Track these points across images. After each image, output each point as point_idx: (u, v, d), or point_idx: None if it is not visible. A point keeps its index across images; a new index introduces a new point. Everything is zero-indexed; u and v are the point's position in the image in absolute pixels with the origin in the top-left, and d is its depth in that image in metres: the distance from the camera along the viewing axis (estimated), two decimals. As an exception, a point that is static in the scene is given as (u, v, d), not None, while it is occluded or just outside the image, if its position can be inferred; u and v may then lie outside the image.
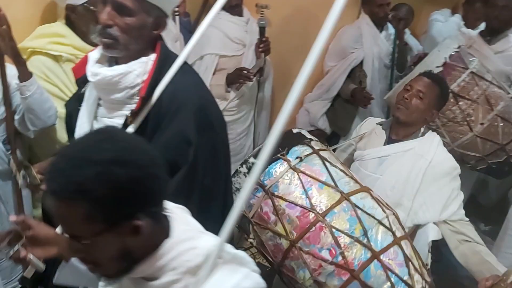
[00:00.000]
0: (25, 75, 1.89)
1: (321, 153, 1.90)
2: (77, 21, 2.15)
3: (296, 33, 3.23)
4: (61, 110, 2.09)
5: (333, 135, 3.51)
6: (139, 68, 1.44)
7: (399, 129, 2.20)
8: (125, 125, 1.43)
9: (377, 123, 2.32)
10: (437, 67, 2.63)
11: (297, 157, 1.85)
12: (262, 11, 2.84)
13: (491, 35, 3.01)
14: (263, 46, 2.74)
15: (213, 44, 2.80)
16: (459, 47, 2.70)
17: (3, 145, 1.97)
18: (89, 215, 0.88)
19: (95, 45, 2.14)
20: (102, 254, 0.94)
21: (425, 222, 2.07)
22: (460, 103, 2.65)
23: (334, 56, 3.41)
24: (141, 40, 1.44)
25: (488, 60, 2.80)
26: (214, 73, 2.87)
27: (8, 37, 1.79)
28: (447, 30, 3.72)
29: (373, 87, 3.34)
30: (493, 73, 2.72)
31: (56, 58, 2.12)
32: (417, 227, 2.11)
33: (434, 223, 2.07)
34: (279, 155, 1.84)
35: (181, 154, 1.41)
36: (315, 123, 3.42)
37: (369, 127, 2.32)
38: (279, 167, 1.82)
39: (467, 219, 2.10)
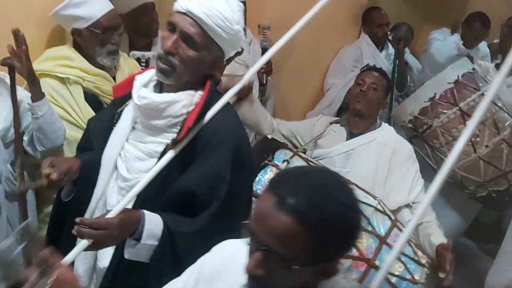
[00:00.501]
0: (38, 95, 1.94)
1: (301, 154, 1.99)
2: (83, 44, 2.19)
3: (298, 53, 3.28)
4: (68, 132, 2.14)
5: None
6: (186, 100, 1.46)
7: (359, 122, 2.38)
8: (163, 152, 1.44)
9: (331, 122, 2.47)
10: (449, 83, 2.68)
11: (284, 161, 1.92)
12: (265, 32, 2.89)
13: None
14: (265, 67, 2.78)
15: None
16: (473, 69, 2.72)
17: (11, 167, 2.00)
18: (313, 247, 0.90)
19: (101, 67, 2.21)
20: (286, 282, 0.95)
21: (396, 206, 2.16)
22: (468, 122, 2.61)
23: (335, 74, 3.47)
24: (196, 74, 1.47)
25: (500, 92, 2.78)
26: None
27: (25, 58, 1.85)
28: (446, 49, 3.78)
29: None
30: (504, 102, 2.72)
31: (64, 81, 2.15)
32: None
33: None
34: (266, 161, 1.89)
35: (214, 190, 1.42)
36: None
37: (323, 125, 2.45)
38: (269, 173, 1.89)
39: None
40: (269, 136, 2.09)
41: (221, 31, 1.40)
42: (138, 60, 2.41)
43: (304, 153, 2.28)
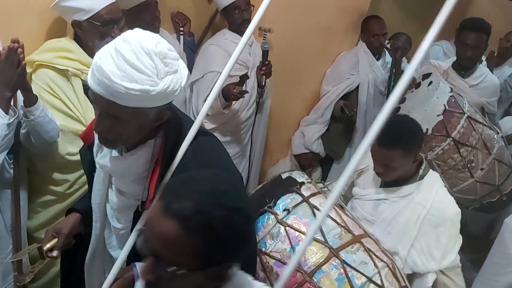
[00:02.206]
0: (30, 100, 1.95)
1: (312, 200, 1.80)
2: (83, 37, 2.19)
3: (297, 57, 3.30)
4: (64, 123, 2.14)
5: (327, 158, 3.57)
6: (146, 155, 1.41)
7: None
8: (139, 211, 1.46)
9: None
10: (438, 115, 2.60)
11: (284, 209, 1.77)
12: (265, 34, 2.91)
13: (464, 70, 3.16)
14: (265, 69, 2.79)
15: (217, 62, 2.84)
16: (451, 90, 2.71)
17: (7, 155, 2.00)
18: (198, 251, 0.90)
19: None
20: (178, 287, 0.97)
21: (426, 271, 1.98)
22: (461, 150, 2.63)
23: (331, 81, 3.49)
24: (143, 133, 1.38)
25: (464, 94, 2.88)
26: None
27: (21, 71, 1.86)
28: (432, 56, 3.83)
29: (367, 112, 3.42)
30: (472, 104, 2.77)
31: (63, 72, 2.15)
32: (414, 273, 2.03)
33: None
34: (266, 207, 1.78)
35: None
36: (309, 146, 3.48)
37: (368, 161, 2.10)
38: (266, 221, 1.77)
39: (460, 264, 2.06)
40: (284, 176, 1.90)
41: (137, 100, 1.24)
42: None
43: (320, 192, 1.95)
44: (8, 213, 2.09)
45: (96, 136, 1.45)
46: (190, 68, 2.92)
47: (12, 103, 1.92)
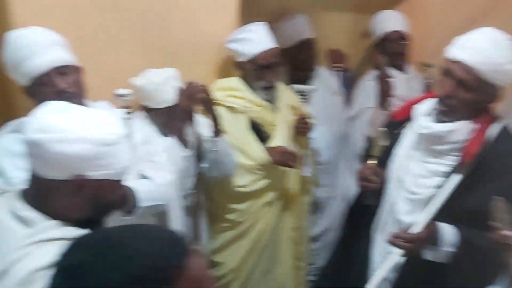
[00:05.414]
0: (219, 132, 2.07)
1: None
2: (246, 77, 2.31)
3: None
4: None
5: None
6: (464, 129, 1.65)
7: None
8: (449, 173, 1.66)
9: None
10: None
11: None
12: (427, 69, 2.79)
13: None
14: None
15: (374, 98, 2.80)
16: None
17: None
18: None
19: (265, 98, 2.31)
20: None
21: None
22: None
23: None
24: (472, 110, 1.65)
25: None
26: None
27: (205, 100, 2.01)
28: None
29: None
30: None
31: (231, 109, 2.26)
32: None
33: None
34: None
35: None
36: None
37: None
38: None
39: None
40: None
41: (494, 74, 1.56)
42: (298, 93, 2.47)
43: None
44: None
45: (413, 114, 1.79)
46: (347, 103, 2.92)
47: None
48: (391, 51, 2.83)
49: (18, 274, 1.01)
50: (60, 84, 1.59)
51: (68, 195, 1.12)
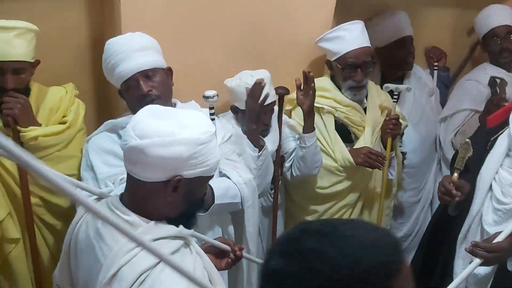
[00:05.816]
0: (310, 128, 2.11)
1: None
2: (334, 76, 2.30)
3: None
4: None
5: None
6: None
7: None
8: None
9: None
10: None
11: None
12: None
13: None
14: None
15: (472, 100, 2.64)
16: None
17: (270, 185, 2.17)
18: None
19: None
20: None
21: None
22: None
23: None
24: None
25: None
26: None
27: (312, 94, 2.06)
28: None
29: None
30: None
31: (317, 109, 2.26)
32: None
33: None
34: None
35: None
36: None
37: None
38: None
39: None
40: None
41: None
42: (391, 92, 2.40)
43: None
44: (267, 237, 2.29)
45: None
46: (443, 104, 2.78)
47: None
48: (498, 47, 2.64)
49: (127, 277, 1.08)
50: (143, 87, 1.72)
51: (166, 195, 1.18)
